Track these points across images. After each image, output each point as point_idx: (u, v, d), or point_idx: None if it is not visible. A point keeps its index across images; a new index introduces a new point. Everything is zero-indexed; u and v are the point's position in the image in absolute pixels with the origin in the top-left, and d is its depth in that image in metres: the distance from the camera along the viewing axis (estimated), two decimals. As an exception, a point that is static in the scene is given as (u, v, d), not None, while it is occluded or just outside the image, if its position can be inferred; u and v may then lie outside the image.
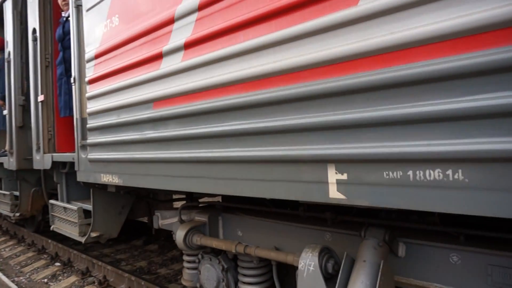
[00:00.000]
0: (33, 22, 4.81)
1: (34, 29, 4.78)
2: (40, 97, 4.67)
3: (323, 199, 1.73)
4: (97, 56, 3.24)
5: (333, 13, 1.64)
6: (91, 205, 3.97)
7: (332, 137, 1.67)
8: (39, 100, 4.70)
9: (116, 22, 3.01)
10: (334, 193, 1.68)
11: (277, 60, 1.85)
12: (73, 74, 3.72)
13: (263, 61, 1.92)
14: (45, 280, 5.33)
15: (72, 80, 3.74)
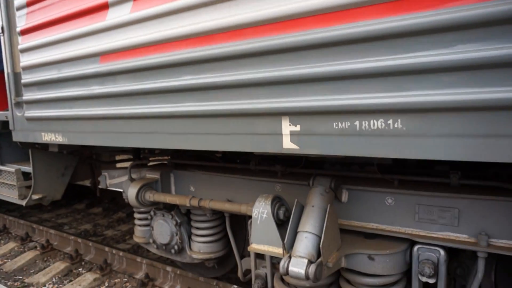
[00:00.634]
0: None
1: None
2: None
3: (277, 149, 1.84)
4: (29, 3, 2.96)
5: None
6: (31, 166, 3.76)
7: (286, 91, 1.76)
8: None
9: (51, -34, 2.75)
10: (288, 144, 1.80)
11: (236, 14, 1.85)
12: (0, 23, 3.36)
13: (219, 15, 1.91)
14: (-21, 248, 5.04)
15: (-1, 30, 3.39)
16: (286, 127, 1.79)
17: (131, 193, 2.95)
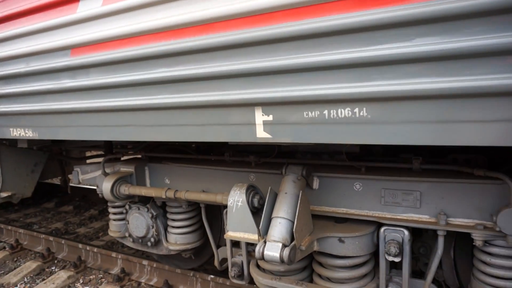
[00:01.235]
0: None
1: None
2: None
3: (251, 139, 1.91)
4: (-6, -5, 2.87)
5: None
6: (-2, 163, 3.66)
7: (258, 82, 1.83)
8: None
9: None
10: (261, 133, 1.88)
11: (209, 8, 1.90)
12: (-39, 15, 3.23)
13: (192, 8, 1.95)
14: None
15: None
16: (259, 117, 1.87)
17: (105, 187, 2.94)
